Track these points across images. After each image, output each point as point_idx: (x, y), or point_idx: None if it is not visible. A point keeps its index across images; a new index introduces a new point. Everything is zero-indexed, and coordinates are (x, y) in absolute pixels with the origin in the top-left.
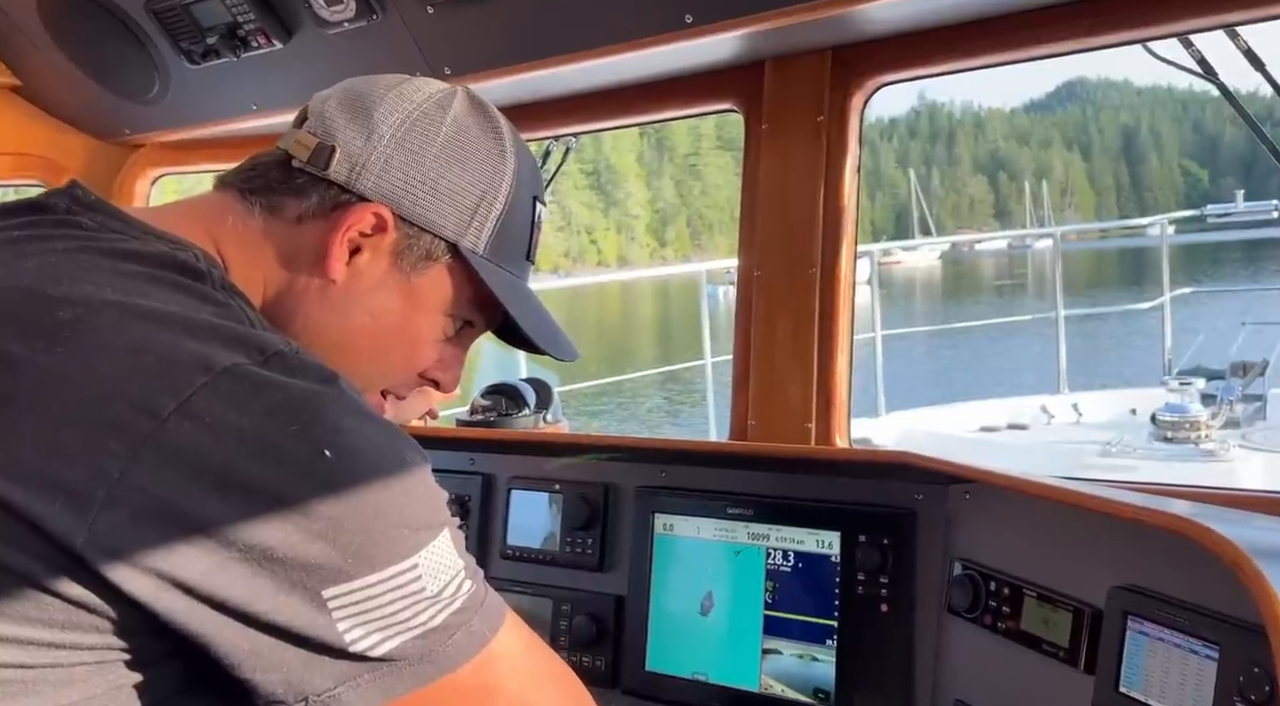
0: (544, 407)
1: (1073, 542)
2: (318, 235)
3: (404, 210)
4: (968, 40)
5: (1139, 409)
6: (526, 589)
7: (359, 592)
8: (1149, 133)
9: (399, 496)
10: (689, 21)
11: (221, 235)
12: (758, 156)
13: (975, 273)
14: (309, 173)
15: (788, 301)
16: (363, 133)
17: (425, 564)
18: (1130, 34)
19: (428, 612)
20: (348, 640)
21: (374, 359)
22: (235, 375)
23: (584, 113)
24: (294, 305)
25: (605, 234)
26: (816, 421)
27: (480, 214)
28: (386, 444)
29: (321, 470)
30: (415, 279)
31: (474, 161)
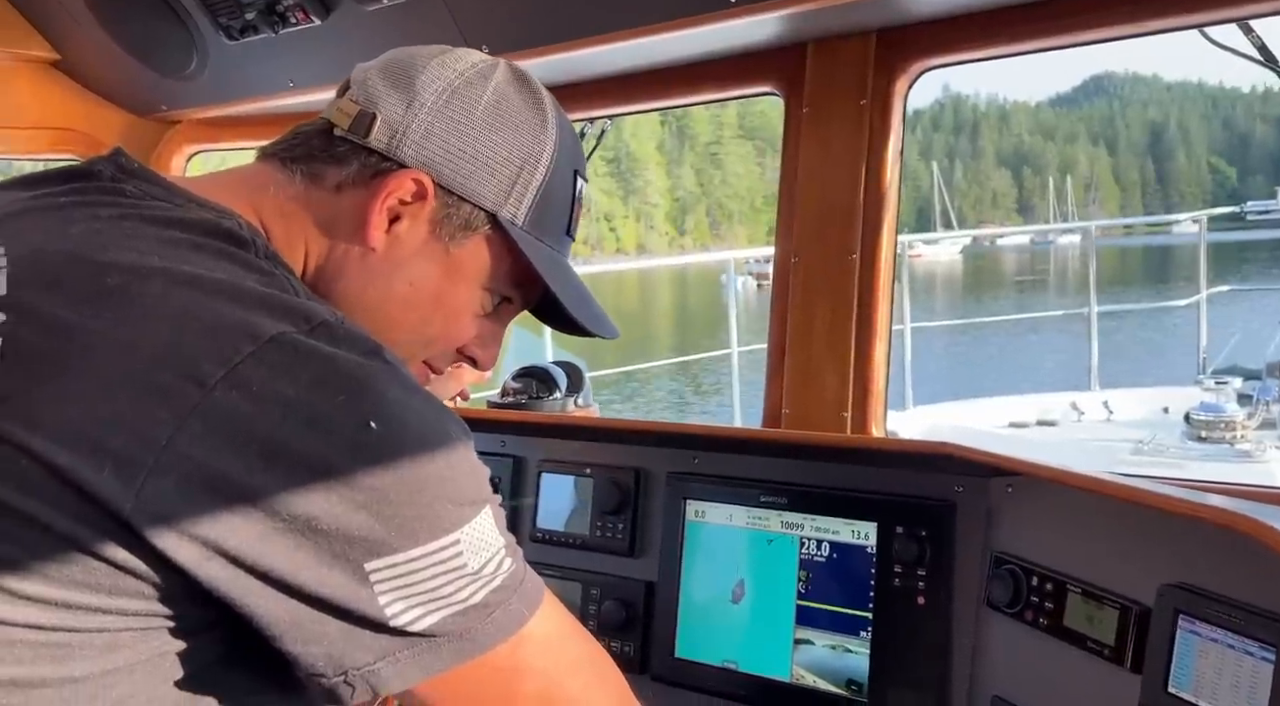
0: (575, 391)
1: (1119, 538)
2: (358, 202)
3: (444, 178)
4: (1017, 24)
5: (1172, 407)
6: (555, 572)
7: (401, 566)
8: (1177, 128)
9: (443, 470)
10: (732, 2)
11: (263, 204)
12: (797, 140)
13: (996, 267)
14: (350, 141)
15: (826, 288)
16: (404, 100)
17: (467, 539)
18: (1187, 19)
19: (468, 589)
20: (388, 614)
21: (414, 329)
22: (282, 344)
23: (621, 94)
24: (334, 273)
25: (624, 221)
26: (853, 410)
27: (520, 184)
28: (432, 417)
29: (367, 441)
30: (454, 249)
31: (514, 131)
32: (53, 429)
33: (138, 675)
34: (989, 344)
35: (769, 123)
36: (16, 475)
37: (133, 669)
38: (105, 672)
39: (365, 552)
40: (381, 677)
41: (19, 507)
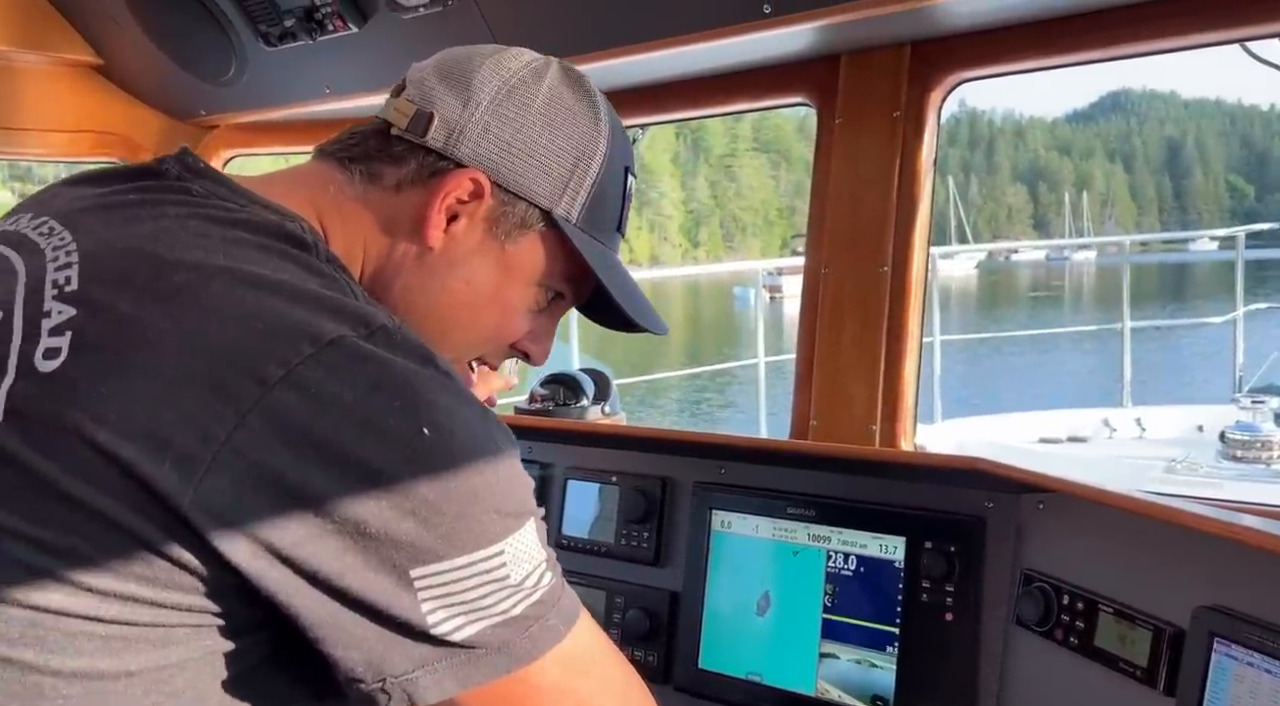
0: (602, 399)
1: (1153, 558)
2: (416, 202)
3: (500, 176)
4: (1053, 37)
5: (1206, 426)
6: (580, 580)
7: (446, 574)
8: (1194, 146)
9: (492, 481)
10: (767, 12)
11: (323, 204)
12: (829, 151)
13: (1011, 282)
14: (407, 140)
15: (856, 300)
16: (460, 99)
17: (511, 551)
18: (1227, 33)
19: (510, 601)
20: (430, 622)
21: (469, 327)
22: (341, 347)
23: (654, 103)
24: (393, 273)
25: (638, 232)
26: (882, 423)
27: (574, 182)
28: (482, 428)
29: (420, 449)
30: (509, 247)
31: (569, 129)
32: (118, 423)
33: (189, 672)
34: (1009, 358)
35: (783, 136)
36: (83, 467)
37: (185, 665)
38: (159, 667)
39: (411, 559)
40: (419, 686)
41: (85, 499)
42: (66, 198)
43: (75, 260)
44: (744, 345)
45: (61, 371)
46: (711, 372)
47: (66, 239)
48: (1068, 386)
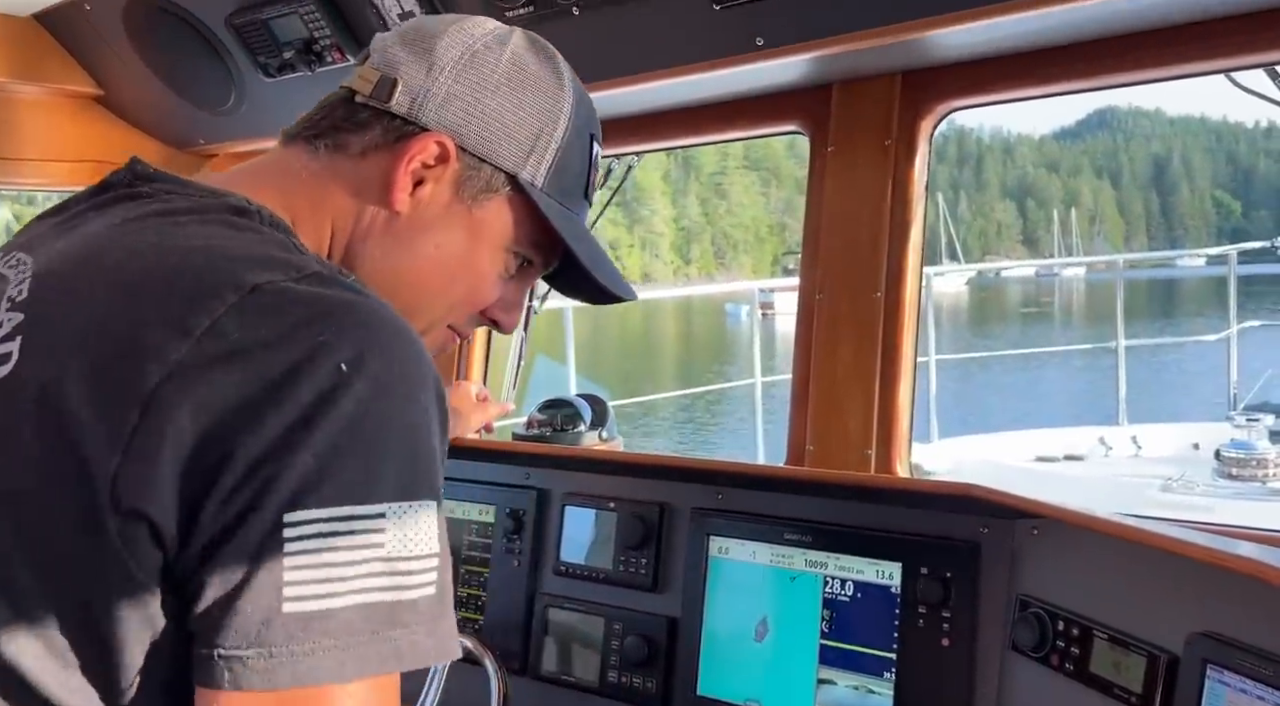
0: (600, 424)
1: (1147, 584)
2: (382, 167)
3: (465, 140)
4: (1041, 67)
5: (1202, 444)
6: (577, 606)
7: (319, 524)
8: (1181, 163)
9: (401, 435)
10: (759, 44)
11: (289, 189)
12: (822, 178)
13: (1001, 299)
14: (371, 107)
15: (850, 326)
16: (424, 65)
17: (394, 519)
18: (1213, 64)
19: (376, 579)
20: (287, 579)
21: (440, 293)
22: (265, 291)
23: (649, 132)
24: (362, 240)
25: (629, 250)
26: (877, 448)
27: (539, 147)
28: (405, 371)
29: (330, 386)
30: (476, 211)
31: (532, 94)
32: (62, 401)
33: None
34: (1000, 376)
35: (773, 154)
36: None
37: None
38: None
39: (288, 500)
40: (237, 674)
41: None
42: (35, 230)
43: (28, 275)
44: (737, 362)
45: (14, 373)
46: (704, 392)
47: (26, 263)
48: (1059, 404)
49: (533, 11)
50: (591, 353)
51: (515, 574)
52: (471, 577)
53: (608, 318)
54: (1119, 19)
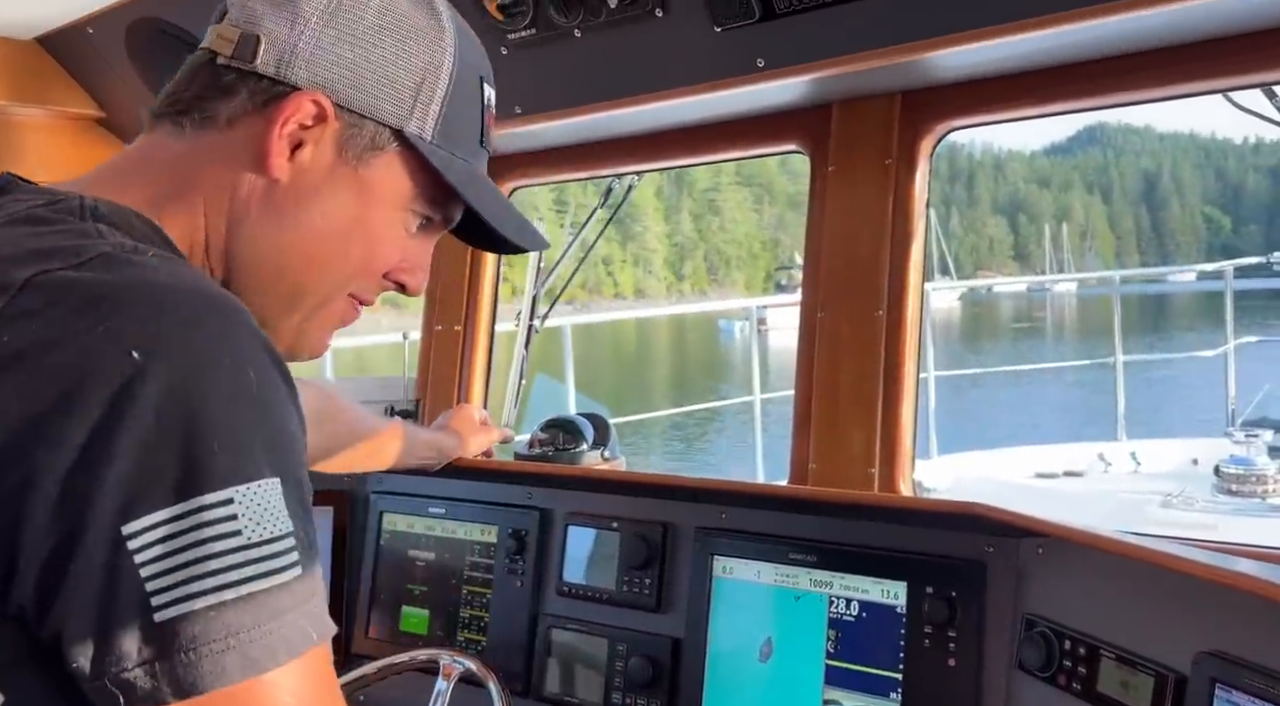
0: (602, 443)
1: (1154, 603)
2: (254, 133)
3: (341, 96)
4: (1041, 87)
5: (1201, 459)
6: (582, 627)
7: (162, 528)
8: (1170, 178)
9: (224, 412)
10: (760, 66)
11: (151, 176)
12: (823, 198)
13: (994, 314)
14: (235, 68)
15: (852, 344)
16: (287, 17)
17: (244, 503)
18: (1210, 83)
19: (241, 570)
20: (149, 591)
21: (335, 261)
22: (39, 285)
23: (650, 152)
24: (241, 219)
25: (622, 266)
26: (880, 466)
27: (423, 96)
28: (221, 345)
29: (126, 376)
30: (363, 171)
31: (409, 40)
32: None
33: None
34: (992, 392)
35: (766, 170)
36: None
37: None
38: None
39: (120, 511)
40: (136, 690)
41: None
42: None
43: None
44: (730, 379)
45: None
46: (701, 410)
47: None
48: (1053, 419)
49: (535, 34)
50: (583, 369)
51: (518, 594)
52: (474, 598)
53: (601, 332)
54: (1116, 40)
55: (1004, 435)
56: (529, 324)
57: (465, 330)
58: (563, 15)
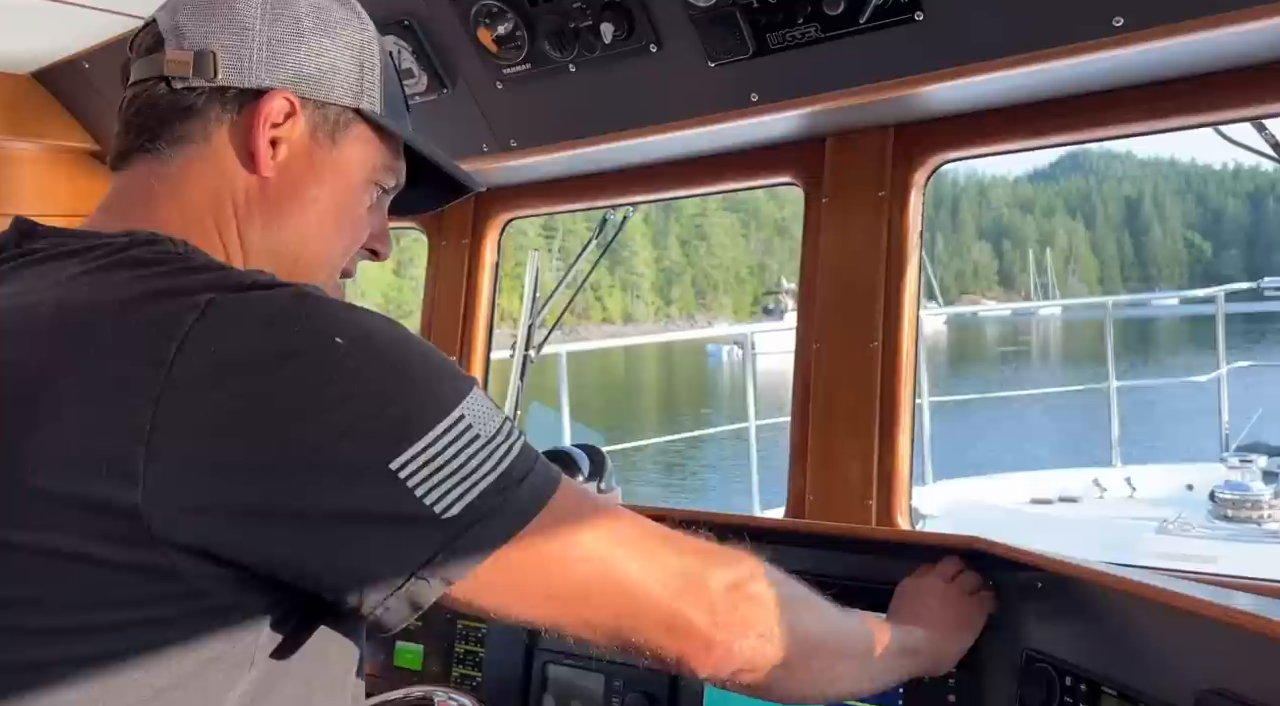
0: (597, 475)
1: (1152, 638)
2: (235, 141)
3: (304, 90)
4: (1032, 121)
5: (1196, 484)
6: (578, 662)
7: (421, 456)
8: (1152, 204)
9: (420, 359)
10: (754, 100)
11: (165, 207)
12: (818, 229)
13: (979, 338)
14: (197, 87)
15: (848, 375)
16: (234, 30)
17: (471, 412)
18: (1199, 118)
19: (492, 459)
20: (429, 503)
21: (333, 241)
22: (222, 303)
23: (644, 184)
24: (246, 221)
25: (610, 291)
26: (878, 497)
27: (366, 76)
28: (382, 320)
29: (342, 355)
30: (336, 153)
31: (341, 30)
32: (47, 462)
33: (191, 688)
34: (975, 418)
35: (753, 196)
36: (25, 516)
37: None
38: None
39: (383, 456)
40: (448, 568)
41: (35, 545)
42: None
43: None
44: (719, 406)
45: None
46: (694, 437)
47: None
48: (1043, 444)
49: (530, 69)
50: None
51: (514, 629)
52: (469, 633)
53: (590, 356)
54: (1107, 75)
55: (994, 460)
56: (524, 354)
57: (460, 360)
58: (557, 50)
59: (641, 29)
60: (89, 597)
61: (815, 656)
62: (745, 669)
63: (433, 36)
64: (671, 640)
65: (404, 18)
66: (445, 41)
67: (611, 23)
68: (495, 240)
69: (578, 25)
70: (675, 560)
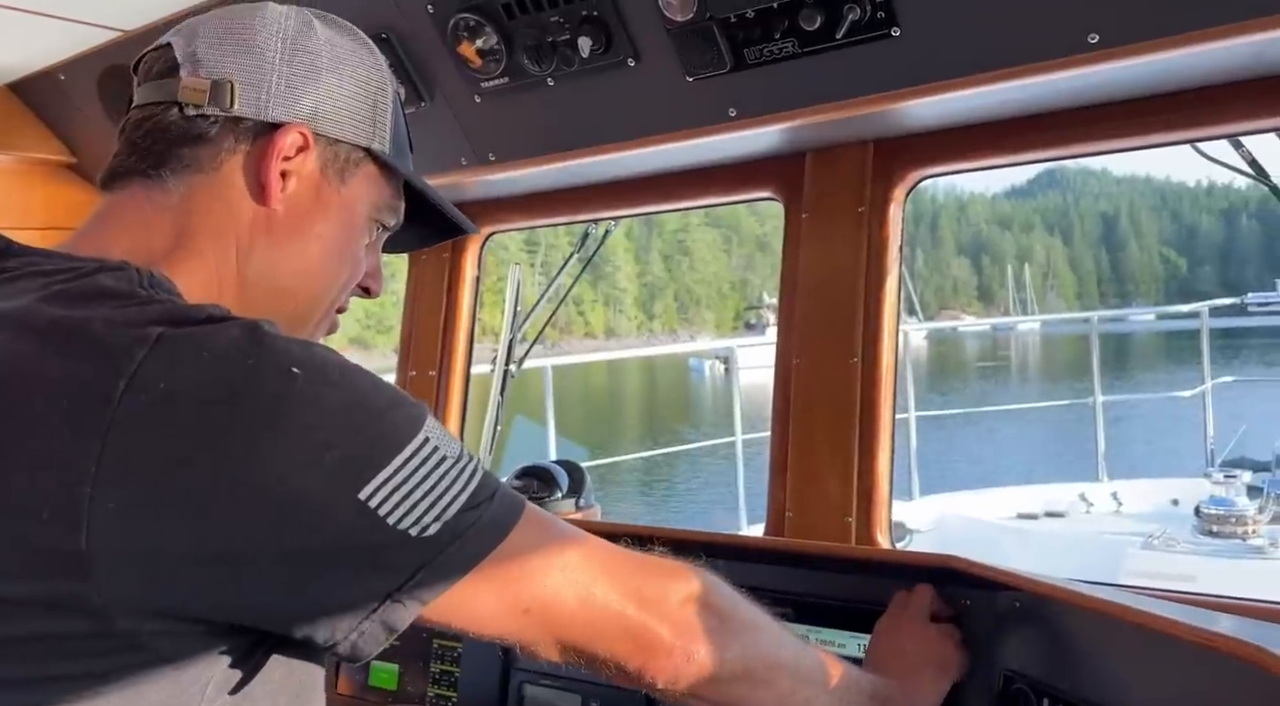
0: (576, 492)
1: (1131, 658)
2: (246, 171)
3: (318, 127)
4: (1010, 137)
5: (1181, 499)
6: (555, 682)
7: (391, 480)
8: (1128, 221)
9: (374, 387)
10: (732, 115)
11: (155, 233)
12: (798, 244)
13: (959, 353)
14: (212, 115)
15: (828, 392)
16: (253, 61)
17: (434, 435)
18: (1177, 134)
19: (461, 479)
20: (402, 527)
21: (334, 277)
22: (173, 338)
23: (625, 198)
24: (248, 252)
25: (593, 306)
26: (857, 515)
27: (378, 116)
28: (332, 353)
29: (300, 388)
30: (344, 191)
31: (356, 69)
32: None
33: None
34: (955, 432)
35: (734, 211)
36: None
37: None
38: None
39: (351, 484)
40: (425, 586)
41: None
42: None
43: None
44: (702, 419)
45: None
46: (681, 451)
47: None
48: (1023, 458)
49: (508, 82)
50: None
51: (490, 649)
52: (445, 653)
53: (573, 369)
54: (1086, 91)
55: (977, 476)
56: (504, 369)
57: (440, 375)
58: (535, 64)
59: (619, 43)
60: (28, 650)
61: (775, 673)
62: (702, 677)
63: (411, 50)
64: (635, 651)
65: (382, 31)
66: (423, 55)
67: (589, 37)
68: (476, 254)
69: (555, 39)
70: (638, 575)
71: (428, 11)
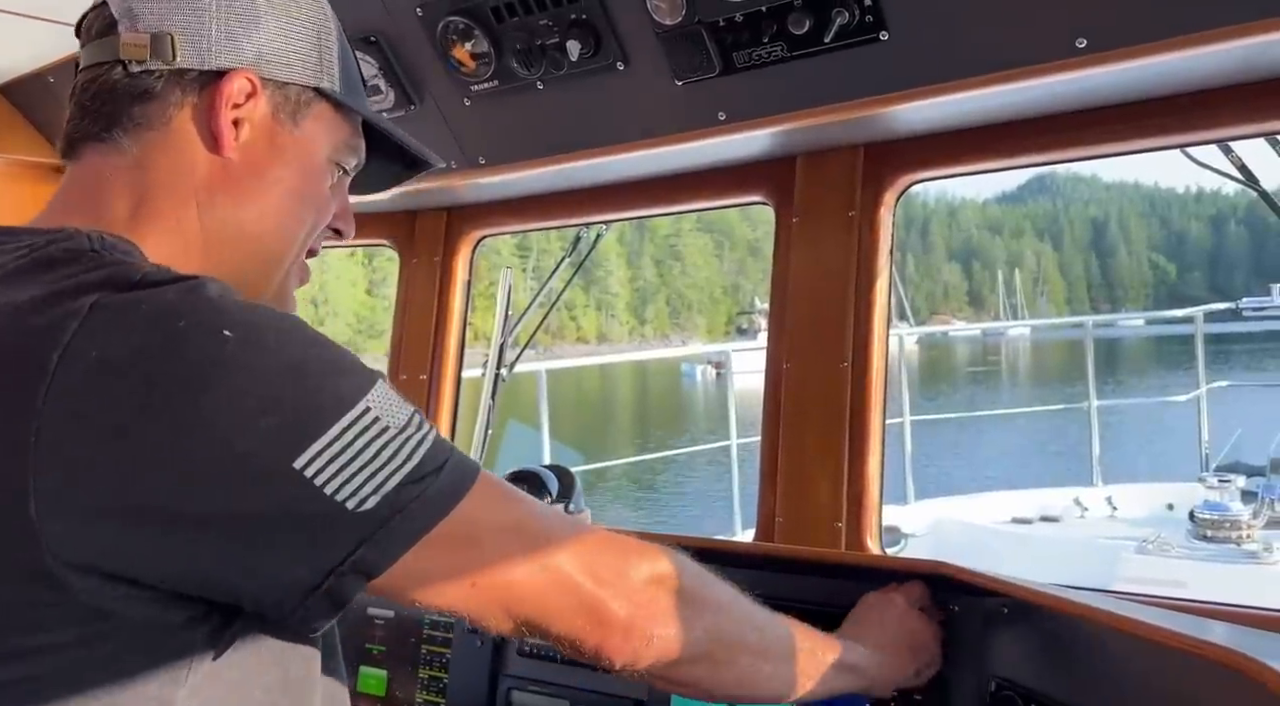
0: (566, 497)
1: (1119, 665)
2: (197, 123)
3: (264, 70)
4: (1000, 141)
5: (1176, 504)
6: (543, 688)
7: (328, 450)
8: (1117, 226)
9: (317, 353)
10: (722, 119)
11: (116, 198)
12: (788, 249)
13: (949, 358)
14: (155, 70)
15: (818, 396)
16: (190, 11)
17: (377, 405)
18: (1168, 139)
19: (404, 450)
20: (339, 499)
21: (299, 222)
22: (105, 305)
23: (615, 202)
24: (207, 204)
25: (585, 311)
26: (847, 520)
27: (324, 54)
28: (277, 315)
29: (231, 351)
30: (298, 134)
31: (296, 7)
32: None
33: None
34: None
35: (726, 216)
36: None
37: None
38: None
39: (288, 452)
40: (368, 561)
41: None
42: None
43: None
44: (694, 423)
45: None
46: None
47: None
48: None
49: (497, 86)
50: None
51: (478, 654)
52: (434, 658)
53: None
54: (1077, 95)
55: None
56: (495, 373)
57: (431, 379)
58: (524, 67)
59: (608, 47)
60: (4, 622)
61: (736, 652)
62: (662, 660)
63: (400, 53)
64: (591, 629)
65: (371, 34)
66: (412, 58)
67: (578, 40)
68: (467, 258)
69: (544, 43)
70: (598, 552)
71: (417, 15)
